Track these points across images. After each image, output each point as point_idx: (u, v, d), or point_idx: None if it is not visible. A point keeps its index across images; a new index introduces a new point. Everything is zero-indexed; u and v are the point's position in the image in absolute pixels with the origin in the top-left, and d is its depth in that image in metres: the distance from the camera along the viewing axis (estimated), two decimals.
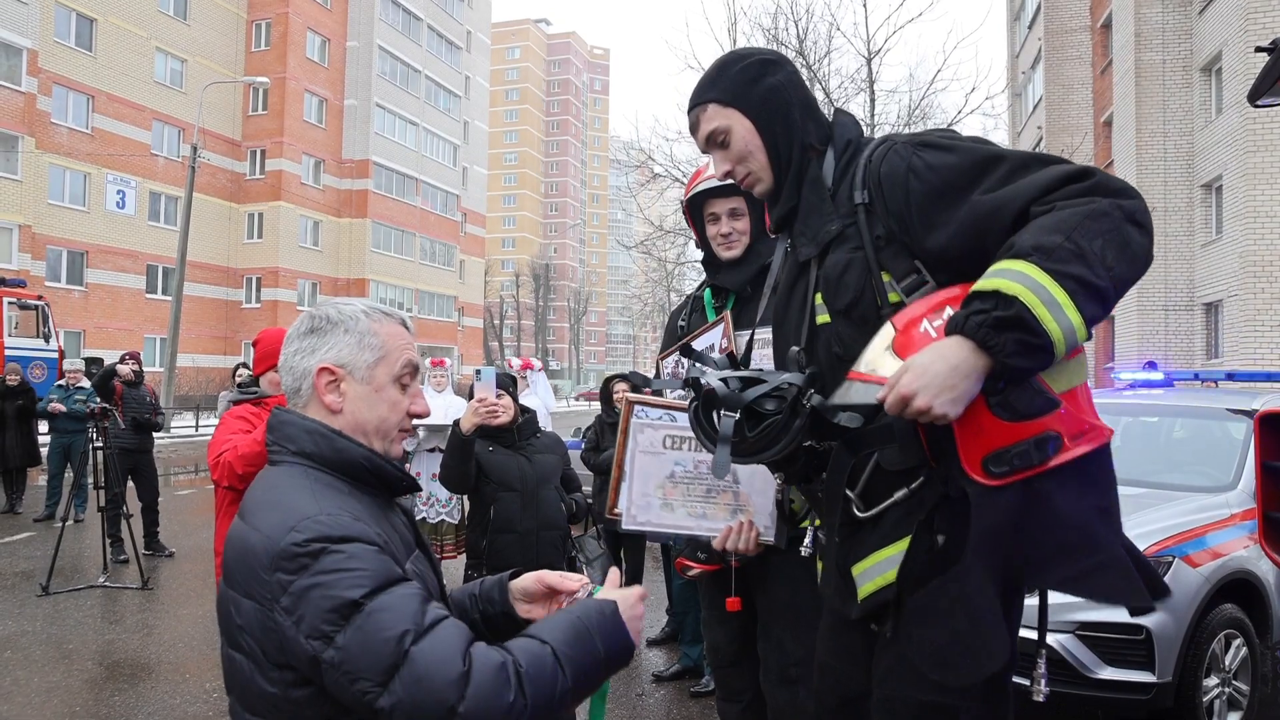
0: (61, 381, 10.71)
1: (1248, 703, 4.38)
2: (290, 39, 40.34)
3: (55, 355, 16.72)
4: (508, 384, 3.92)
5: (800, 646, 2.83)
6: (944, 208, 1.67)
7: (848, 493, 1.78)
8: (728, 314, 2.83)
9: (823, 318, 1.84)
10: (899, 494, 1.65)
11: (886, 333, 1.63)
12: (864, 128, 1.99)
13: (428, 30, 49.67)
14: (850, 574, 1.81)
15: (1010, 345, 1.44)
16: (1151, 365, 6.46)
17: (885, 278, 1.74)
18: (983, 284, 1.49)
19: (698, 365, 1.83)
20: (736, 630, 3.02)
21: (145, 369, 9.43)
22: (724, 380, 1.72)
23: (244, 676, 1.37)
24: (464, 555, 4.43)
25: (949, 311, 1.57)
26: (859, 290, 1.77)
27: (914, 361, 1.49)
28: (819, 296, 1.85)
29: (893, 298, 1.74)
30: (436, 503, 7.28)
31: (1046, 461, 1.52)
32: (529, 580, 1.67)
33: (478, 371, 3.62)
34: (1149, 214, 1.55)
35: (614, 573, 1.61)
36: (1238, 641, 4.32)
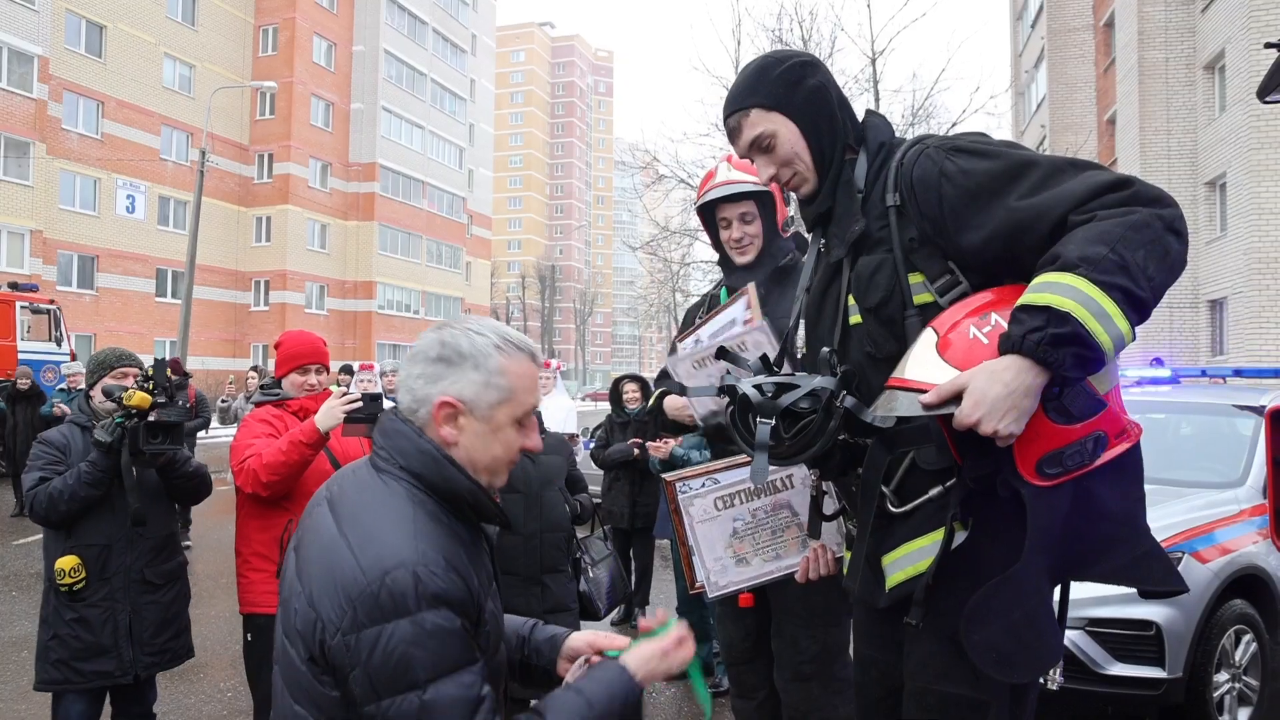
0: (64, 385, 10.78)
1: (1258, 698, 4.39)
2: (297, 44, 40.44)
3: (67, 359, 16.79)
4: None
5: (814, 643, 2.84)
6: (977, 210, 1.68)
7: (883, 489, 1.80)
8: (751, 286, 2.81)
9: (855, 318, 1.87)
10: (933, 491, 1.68)
11: (928, 338, 1.63)
12: None
13: (433, 34, 49.75)
14: (880, 564, 1.84)
15: (1068, 360, 1.46)
16: (1158, 361, 6.47)
17: (917, 279, 1.77)
18: (1032, 297, 1.49)
19: (731, 372, 1.87)
20: (750, 627, 3.03)
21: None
22: (758, 386, 1.73)
23: (295, 669, 1.42)
24: None
25: (994, 317, 1.58)
26: (888, 290, 1.79)
27: (972, 387, 1.49)
28: (851, 297, 1.87)
29: (924, 298, 1.76)
30: None
31: (1096, 460, 1.57)
32: (579, 643, 1.67)
33: None
34: (1185, 220, 1.58)
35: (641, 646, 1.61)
36: (1248, 637, 4.34)
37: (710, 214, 2.97)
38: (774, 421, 1.69)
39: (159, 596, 3.46)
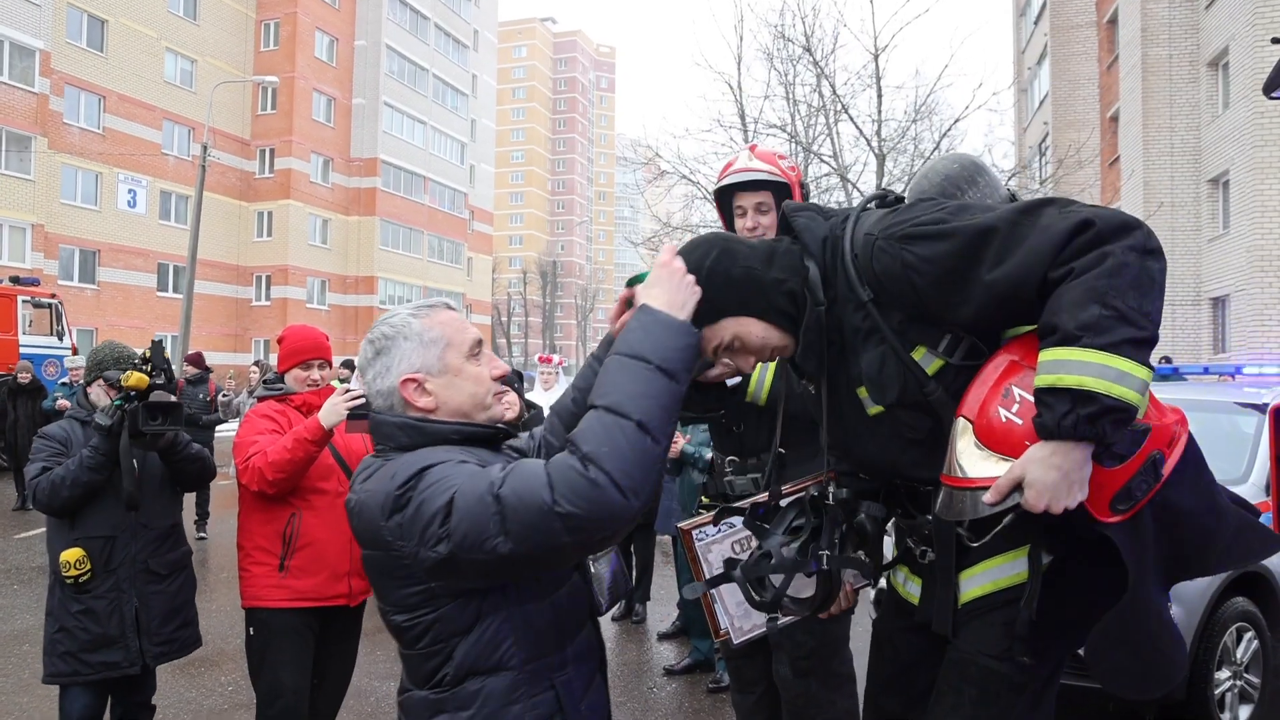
0: (66, 379, 10.80)
1: (1259, 696, 4.40)
2: (299, 38, 40.41)
3: (69, 353, 16.79)
4: (513, 380, 3.93)
5: (812, 638, 2.85)
6: (954, 290, 1.67)
7: (958, 530, 1.84)
8: None
9: (874, 409, 1.84)
10: (1007, 519, 1.68)
11: (964, 429, 1.64)
12: (870, 124, 1.99)
13: (435, 29, 49.70)
14: (955, 583, 1.88)
15: (1107, 429, 1.49)
16: (1167, 361, 6.49)
17: (920, 353, 1.75)
18: (1051, 380, 1.51)
19: (725, 566, 1.98)
20: None
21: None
22: (752, 582, 1.86)
23: (391, 620, 1.57)
24: None
25: (1017, 392, 1.60)
26: (902, 381, 1.77)
27: (1029, 480, 1.52)
28: (862, 391, 1.85)
29: (936, 365, 1.75)
30: None
31: (1162, 477, 1.61)
32: None
33: None
34: (1154, 234, 1.58)
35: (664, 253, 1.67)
36: (1249, 635, 4.34)
37: (727, 202, 2.98)
38: (779, 615, 1.90)
39: (165, 586, 3.49)
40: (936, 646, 1.93)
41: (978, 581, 1.84)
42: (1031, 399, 1.55)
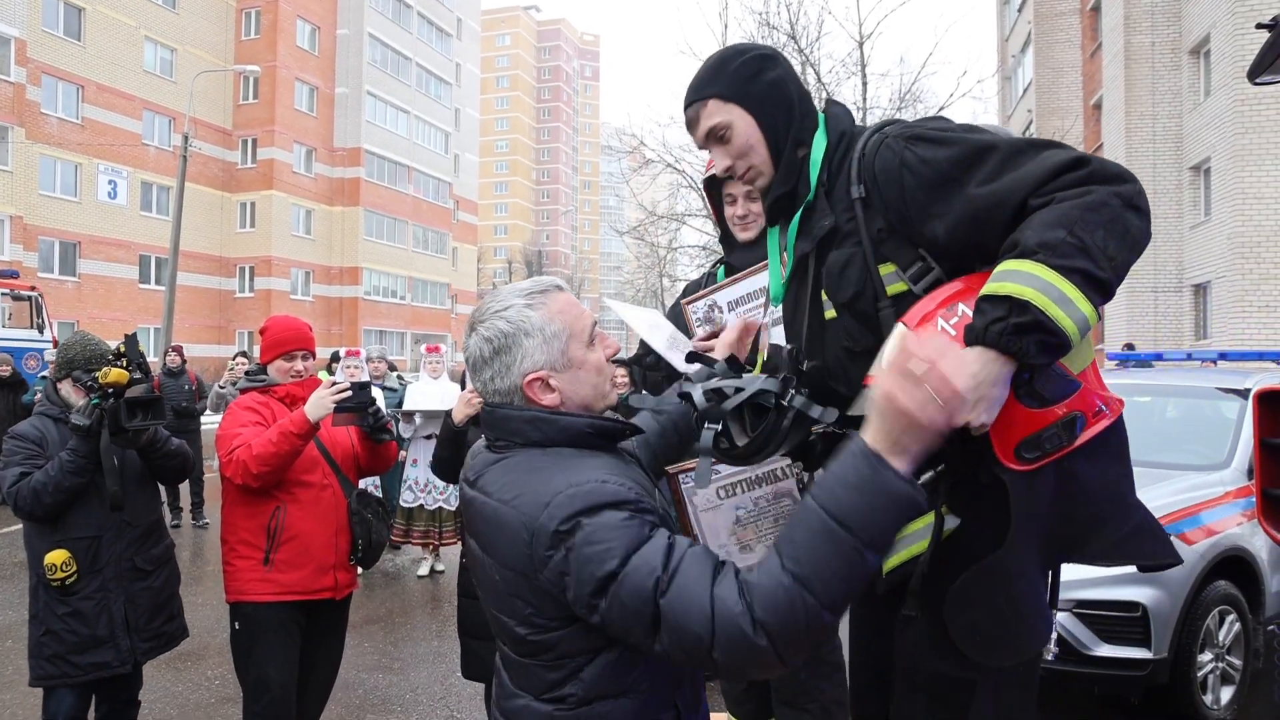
0: (46, 372, 10.74)
1: (1240, 678, 4.45)
2: (280, 27, 40.06)
3: (50, 346, 16.62)
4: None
5: None
6: (939, 199, 1.67)
7: None
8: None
9: (830, 313, 1.85)
10: (925, 476, 1.65)
11: (899, 335, 1.61)
12: (855, 111, 2.00)
13: (418, 17, 49.37)
14: None
15: (1032, 347, 1.46)
16: (1130, 347, 6.56)
17: (888, 269, 1.75)
18: (994, 287, 1.50)
19: (686, 379, 1.89)
20: None
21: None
22: (708, 391, 1.75)
23: (508, 630, 1.52)
24: (461, 544, 4.43)
25: (961, 308, 1.58)
26: (860, 285, 1.77)
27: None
28: (824, 292, 1.85)
29: (898, 288, 1.74)
30: (434, 489, 7.29)
31: (1075, 440, 1.57)
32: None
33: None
34: (1145, 195, 1.56)
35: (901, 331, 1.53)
36: (1231, 617, 4.39)
37: (716, 190, 2.97)
38: (720, 426, 1.73)
39: (151, 582, 3.45)
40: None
41: (896, 550, 1.77)
42: (973, 314, 1.53)
